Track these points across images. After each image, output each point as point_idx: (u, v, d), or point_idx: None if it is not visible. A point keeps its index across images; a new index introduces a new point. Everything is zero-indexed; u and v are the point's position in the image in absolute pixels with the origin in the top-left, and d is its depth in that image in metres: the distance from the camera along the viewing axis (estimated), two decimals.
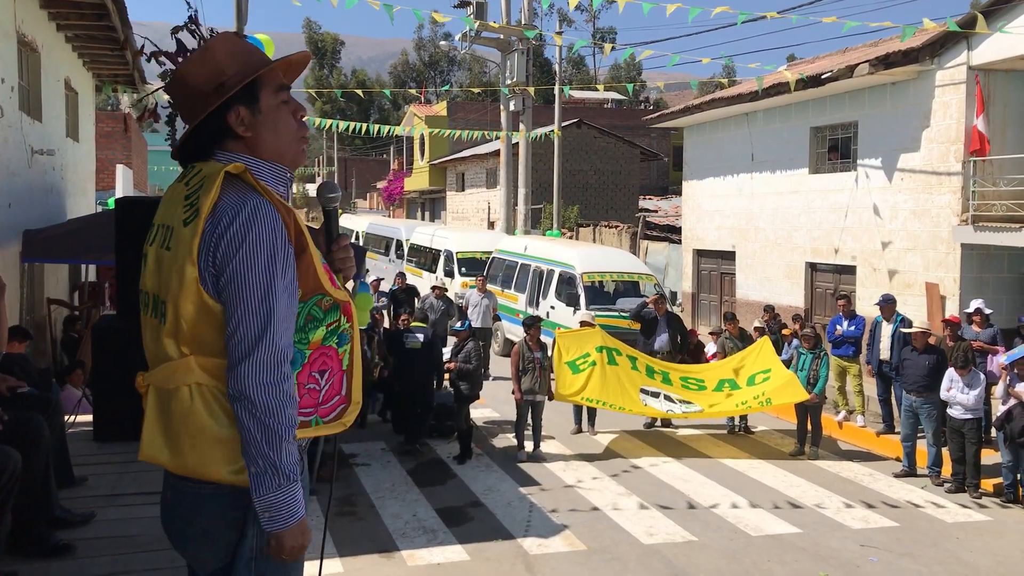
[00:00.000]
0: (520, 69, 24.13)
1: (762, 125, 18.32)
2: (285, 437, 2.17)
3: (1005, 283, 13.69)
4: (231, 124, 2.33)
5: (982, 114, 12.99)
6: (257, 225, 2.18)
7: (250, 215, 2.19)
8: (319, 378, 2.37)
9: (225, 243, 2.17)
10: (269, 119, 2.38)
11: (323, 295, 2.33)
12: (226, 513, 2.30)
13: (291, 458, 2.19)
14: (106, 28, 11.87)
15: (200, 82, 2.32)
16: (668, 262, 22.96)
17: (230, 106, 2.33)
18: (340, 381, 2.42)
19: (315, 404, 2.37)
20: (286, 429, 2.18)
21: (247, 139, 2.36)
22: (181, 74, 2.36)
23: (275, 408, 2.16)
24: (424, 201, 48.89)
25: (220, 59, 2.33)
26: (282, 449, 2.17)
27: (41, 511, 4.92)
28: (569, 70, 69.21)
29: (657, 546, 7.99)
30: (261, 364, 2.15)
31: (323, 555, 2.96)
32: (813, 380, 11.15)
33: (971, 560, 7.88)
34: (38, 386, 6.02)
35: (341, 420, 2.45)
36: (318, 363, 2.36)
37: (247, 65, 2.34)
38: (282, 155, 2.42)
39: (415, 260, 24.52)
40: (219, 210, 2.20)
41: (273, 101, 2.38)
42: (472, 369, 10.69)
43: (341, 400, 2.44)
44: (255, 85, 2.35)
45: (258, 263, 2.17)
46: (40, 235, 9.40)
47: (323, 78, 75.03)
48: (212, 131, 2.35)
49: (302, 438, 2.36)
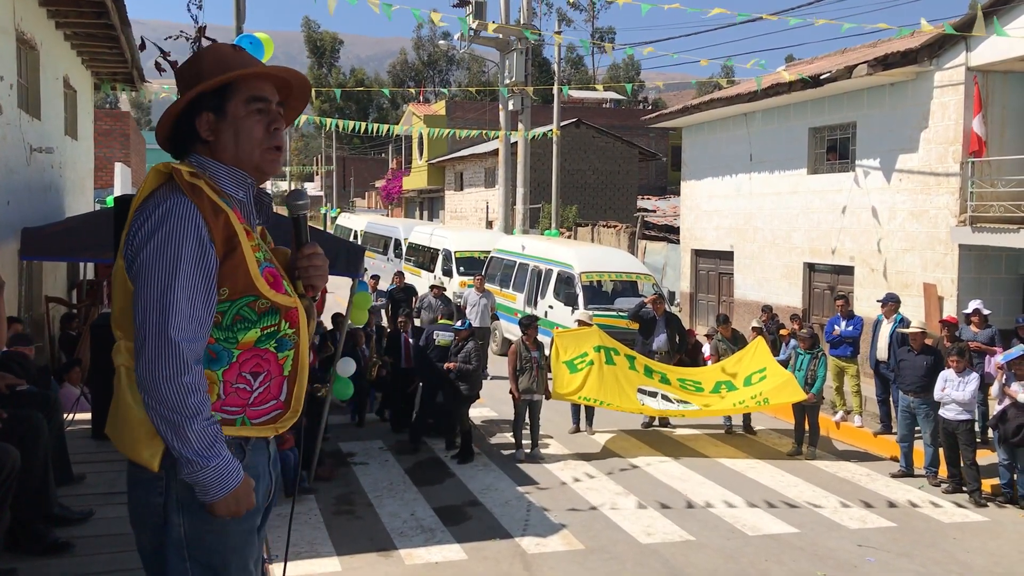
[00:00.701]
0: (519, 69, 24.13)
1: (760, 125, 18.33)
2: (186, 426, 2.21)
3: (1003, 284, 13.70)
4: (198, 127, 2.44)
5: (979, 115, 13.01)
6: (170, 222, 2.25)
7: (165, 212, 2.27)
8: (251, 379, 2.38)
9: (140, 237, 2.28)
10: (232, 126, 2.45)
11: (256, 297, 2.35)
12: (149, 498, 2.36)
13: (202, 442, 2.24)
14: (105, 26, 11.86)
15: (184, 86, 2.45)
16: (666, 262, 22.97)
17: (201, 110, 2.43)
18: (279, 386, 2.44)
19: (243, 404, 2.38)
20: (186, 419, 2.21)
21: (210, 143, 2.45)
22: (175, 78, 2.53)
23: (172, 400, 2.20)
24: (422, 200, 48.89)
25: (204, 65, 2.45)
26: (188, 437, 2.22)
27: (40, 509, 4.92)
28: (568, 70, 69.28)
29: (655, 545, 8.00)
30: (156, 357, 2.20)
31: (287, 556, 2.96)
32: (811, 380, 11.17)
33: (968, 560, 7.90)
34: (37, 384, 6.02)
35: (274, 425, 2.46)
36: (250, 364, 2.38)
37: (222, 71, 2.43)
38: (241, 161, 2.47)
39: (413, 259, 24.53)
40: (144, 205, 2.32)
41: (242, 110, 2.45)
42: (472, 369, 10.69)
43: (278, 405, 2.45)
44: (225, 92, 2.43)
45: (163, 258, 2.23)
46: (39, 233, 9.38)
47: (322, 77, 75.02)
48: (184, 132, 2.46)
49: (228, 434, 2.37)
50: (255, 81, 2.47)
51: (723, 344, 12.57)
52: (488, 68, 67.27)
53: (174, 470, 2.31)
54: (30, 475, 4.74)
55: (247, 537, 2.44)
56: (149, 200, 2.32)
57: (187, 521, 2.34)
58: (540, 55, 58.69)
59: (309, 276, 2.55)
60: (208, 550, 2.36)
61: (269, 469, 2.56)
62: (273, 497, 2.63)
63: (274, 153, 2.52)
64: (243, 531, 2.42)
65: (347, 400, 11.22)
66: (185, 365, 2.21)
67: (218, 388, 2.34)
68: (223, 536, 2.38)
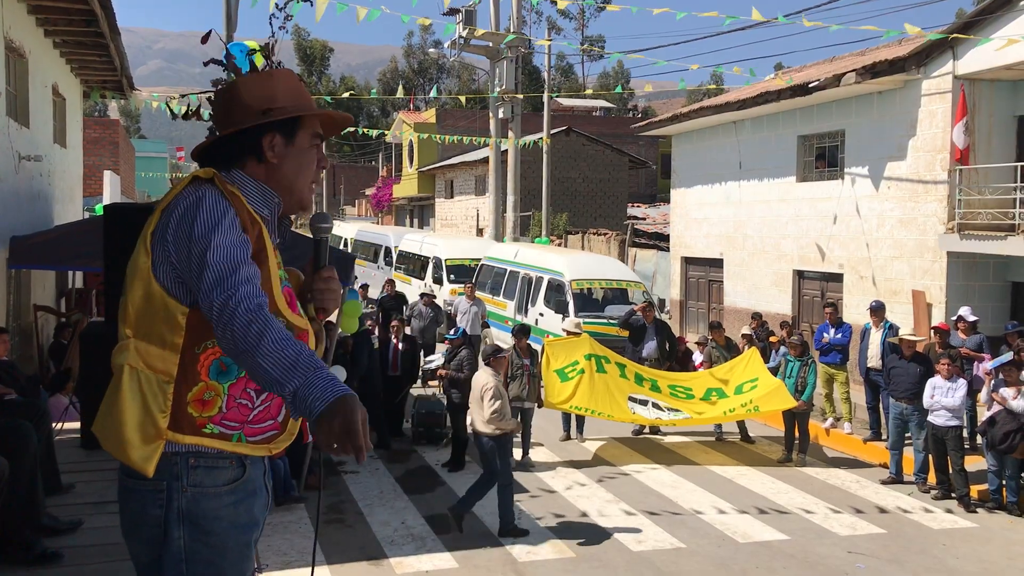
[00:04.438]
0: (509, 76, 24.19)
1: (750, 134, 18.41)
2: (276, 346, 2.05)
3: (990, 291, 13.78)
4: (263, 146, 2.43)
5: (960, 123, 13.07)
6: (206, 204, 2.26)
7: (197, 198, 2.27)
8: (253, 396, 2.36)
9: (176, 225, 2.24)
10: (298, 156, 2.49)
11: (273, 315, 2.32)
12: (147, 508, 2.33)
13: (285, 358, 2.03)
14: (94, 34, 11.84)
15: (251, 99, 2.44)
16: (656, 269, 23.02)
17: (267, 131, 2.43)
18: (278, 407, 2.41)
19: (242, 421, 2.35)
20: (286, 350, 2.05)
21: (270, 165, 2.45)
22: (237, 85, 2.48)
23: (256, 327, 2.07)
24: (413, 208, 48.87)
25: (278, 87, 2.48)
26: (295, 371, 2.01)
27: (28, 519, 4.90)
28: (558, 78, 69.41)
29: (645, 553, 8.00)
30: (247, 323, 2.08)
31: (314, 562, 2.95)
32: (801, 387, 11.19)
33: (958, 566, 7.92)
34: (25, 393, 6.00)
35: (268, 445, 2.43)
36: None
37: (299, 102, 2.49)
38: (292, 190, 2.50)
39: (404, 267, 24.51)
40: (176, 198, 2.32)
41: (307, 142, 2.51)
42: (464, 378, 10.67)
43: (274, 426, 2.43)
44: (297, 122, 2.47)
45: (215, 227, 2.22)
46: (27, 241, 9.36)
47: (312, 85, 74.96)
48: (240, 146, 2.44)
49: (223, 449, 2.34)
50: (315, 118, 2.54)
51: (716, 351, 12.59)
52: (479, 76, 67.40)
53: (176, 481, 2.29)
54: (18, 485, 4.72)
55: (244, 551, 2.43)
56: (181, 193, 2.32)
57: (187, 534, 2.32)
58: (530, 63, 58.82)
59: (324, 300, 2.55)
60: (205, 563, 2.34)
61: (265, 483, 2.54)
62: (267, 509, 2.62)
63: (311, 191, 2.60)
64: (241, 545, 2.41)
65: None
66: (262, 303, 2.14)
67: (221, 401, 2.32)
68: (222, 550, 2.36)
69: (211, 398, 2.30)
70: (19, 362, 9.11)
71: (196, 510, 2.31)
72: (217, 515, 2.33)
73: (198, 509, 2.31)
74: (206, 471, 2.33)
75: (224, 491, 2.35)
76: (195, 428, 2.29)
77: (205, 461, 2.33)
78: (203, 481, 2.31)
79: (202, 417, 2.30)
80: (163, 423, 2.26)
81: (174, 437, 2.28)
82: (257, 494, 2.46)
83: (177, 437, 2.28)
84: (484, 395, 8.41)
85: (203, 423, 2.30)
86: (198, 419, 2.29)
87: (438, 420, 11.61)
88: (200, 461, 2.32)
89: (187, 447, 2.30)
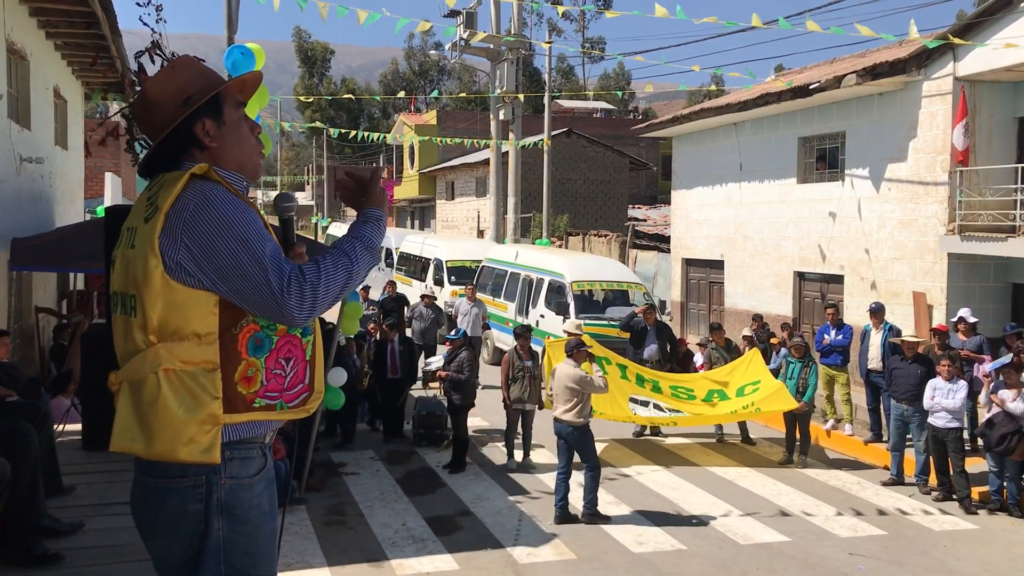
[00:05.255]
0: (510, 78, 24.19)
1: (750, 135, 18.41)
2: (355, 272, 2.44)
3: (991, 292, 13.78)
4: (198, 135, 2.47)
5: (959, 125, 13.06)
6: (217, 199, 2.32)
7: (205, 194, 2.32)
8: (284, 364, 2.45)
9: (190, 223, 2.29)
10: (232, 131, 2.53)
11: None
12: (187, 505, 2.38)
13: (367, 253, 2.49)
14: (96, 36, 11.86)
15: (167, 97, 2.47)
16: (657, 271, 23.02)
17: (196, 119, 2.47)
18: (304, 370, 2.51)
19: (280, 389, 2.44)
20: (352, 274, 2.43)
21: (212, 150, 2.50)
22: (147, 90, 2.52)
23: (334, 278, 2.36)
24: (414, 210, 48.92)
25: (186, 76, 2.50)
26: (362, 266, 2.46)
27: (29, 521, 4.90)
28: (559, 80, 69.43)
29: (646, 555, 8.00)
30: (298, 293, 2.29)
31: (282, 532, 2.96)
32: (802, 389, 11.19)
33: (959, 568, 7.92)
34: (27, 395, 6.00)
35: (305, 407, 2.53)
36: (284, 350, 2.44)
37: (210, 81, 2.52)
38: (243, 165, 2.56)
39: (404, 268, 24.52)
40: (179, 202, 2.32)
41: (234, 115, 2.55)
42: (465, 379, 10.68)
43: (304, 388, 2.52)
44: (218, 100, 2.50)
45: (232, 219, 2.30)
46: (28, 243, 9.37)
47: (313, 86, 74.99)
48: (178, 143, 2.49)
49: (270, 419, 2.45)
50: (230, 90, 2.57)
51: (716, 352, 12.59)
52: (479, 78, 67.42)
53: (215, 474, 2.37)
54: (19, 487, 4.73)
55: (271, 539, 2.52)
56: (184, 194, 2.34)
57: (226, 524, 2.39)
58: (531, 65, 58.84)
59: None
60: (242, 552, 2.42)
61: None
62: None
63: (260, 155, 2.65)
64: (270, 533, 2.51)
65: (335, 412, 11.21)
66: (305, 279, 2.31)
67: (261, 375, 2.40)
68: (255, 539, 2.44)
69: (253, 374, 2.38)
70: (20, 364, 9.12)
71: (234, 501, 2.39)
72: (251, 504, 2.42)
73: (235, 500, 2.40)
74: (241, 462, 2.41)
75: (256, 481, 2.46)
76: (247, 405, 2.38)
77: (239, 452, 2.41)
78: (239, 472, 2.40)
79: (250, 393, 2.38)
80: (218, 409, 2.33)
81: (230, 419, 2.35)
82: (274, 483, 2.56)
83: (233, 418, 2.36)
84: (570, 387, 8.92)
85: (252, 399, 2.38)
86: (247, 396, 2.37)
87: (439, 422, 11.62)
88: (235, 453, 2.40)
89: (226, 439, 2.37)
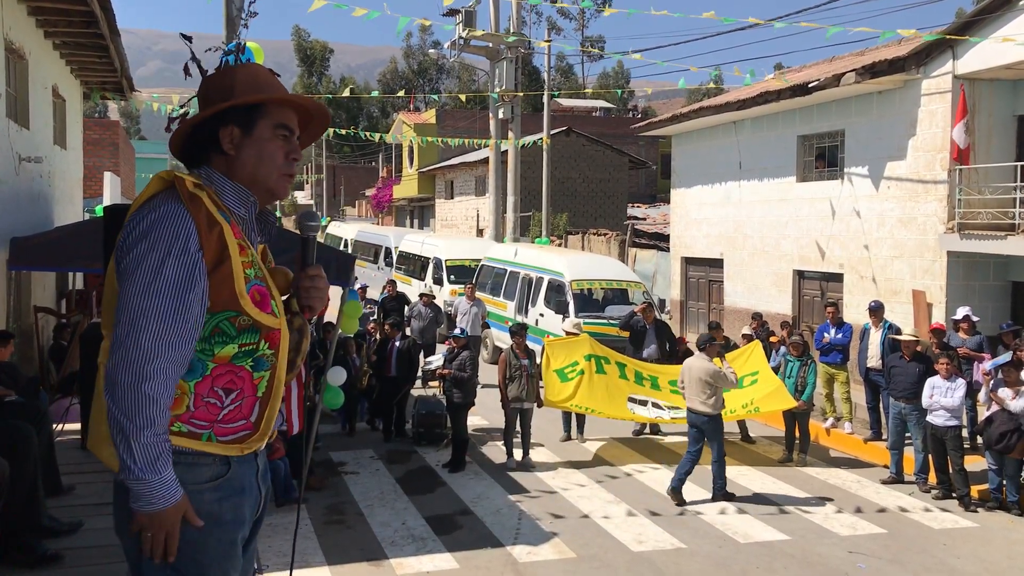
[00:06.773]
0: (509, 77, 24.19)
1: (750, 134, 18.41)
2: (133, 436, 2.18)
3: (991, 291, 13.78)
4: (221, 138, 2.45)
5: (959, 123, 13.07)
6: (158, 229, 2.26)
7: (156, 219, 2.28)
8: (223, 395, 2.36)
9: (129, 240, 2.28)
10: (256, 146, 2.48)
11: (237, 313, 2.34)
12: (126, 509, 2.32)
13: (145, 456, 2.19)
14: (94, 35, 11.84)
15: (212, 93, 2.49)
16: (656, 270, 23.02)
17: (227, 123, 2.45)
18: (251, 407, 2.42)
19: (211, 420, 2.36)
20: (137, 428, 2.18)
21: (229, 156, 2.47)
22: (203, 83, 2.55)
23: (127, 405, 2.18)
24: (413, 209, 48.90)
25: (236, 79, 2.49)
26: (132, 447, 2.18)
27: (29, 520, 4.90)
28: (558, 78, 69.42)
29: (646, 553, 8.00)
30: (123, 359, 2.19)
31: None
32: (801, 387, 11.19)
33: (958, 566, 7.92)
34: (26, 395, 6.00)
35: (240, 445, 2.42)
36: (224, 380, 2.36)
37: (255, 91, 2.48)
38: (257, 181, 2.50)
39: (404, 268, 24.52)
40: (139, 210, 2.33)
41: (267, 132, 2.49)
42: (467, 378, 10.67)
43: (247, 426, 2.42)
44: (255, 112, 2.47)
45: (145, 262, 2.24)
46: (27, 243, 9.34)
47: (312, 86, 74.96)
48: (203, 140, 2.48)
49: (192, 448, 2.35)
50: (284, 109, 2.53)
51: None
52: (479, 77, 67.43)
53: None
54: (19, 486, 4.72)
55: (228, 549, 2.42)
56: (144, 205, 2.33)
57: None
58: (530, 64, 58.85)
59: (309, 297, 2.59)
60: (187, 560, 2.34)
61: (258, 482, 2.54)
62: (262, 510, 2.61)
63: (288, 180, 2.58)
64: (224, 542, 2.41)
65: (337, 410, 11.21)
66: (150, 374, 2.19)
67: (188, 400, 2.32)
68: (203, 547, 2.35)
69: (177, 396, 2.29)
70: (19, 364, 9.12)
71: None
72: (197, 511, 2.32)
73: None
74: (186, 468, 2.32)
75: (206, 488, 2.36)
76: None
77: (185, 458, 2.33)
78: (183, 478, 2.30)
79: (172, 416, 2.29)
80: None
81: None
82: (245, 492, 2.46)
83: None
84: (705, 380, 9.44)
85: (171, 421, 2.29)
86: (169, 417, 2.29)
87: (439, 421, 11.62)
88: (180, 458, 2.31)
89: None
